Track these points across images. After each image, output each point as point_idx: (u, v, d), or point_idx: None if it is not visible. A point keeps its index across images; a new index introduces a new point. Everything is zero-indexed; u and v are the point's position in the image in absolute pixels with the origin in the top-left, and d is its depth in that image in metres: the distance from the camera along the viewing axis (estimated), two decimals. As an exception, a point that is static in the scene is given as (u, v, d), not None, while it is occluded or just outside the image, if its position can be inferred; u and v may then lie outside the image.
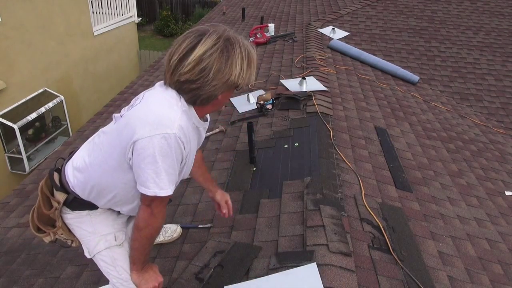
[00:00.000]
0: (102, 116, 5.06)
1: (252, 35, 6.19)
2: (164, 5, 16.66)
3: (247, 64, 1.38)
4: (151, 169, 1.34)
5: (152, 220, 1.48)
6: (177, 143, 1.34)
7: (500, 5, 7.70)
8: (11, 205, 3.40)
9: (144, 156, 1.33)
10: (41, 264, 2.49)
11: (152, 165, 1.34)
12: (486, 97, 5.55)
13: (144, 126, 1.33)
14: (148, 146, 1.32)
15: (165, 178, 1.37)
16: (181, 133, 1.35)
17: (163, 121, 1.32)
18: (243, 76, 1.38)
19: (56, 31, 7.64)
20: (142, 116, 1.36)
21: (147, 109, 1.38)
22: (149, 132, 1.31)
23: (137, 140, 1.33)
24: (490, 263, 2.31)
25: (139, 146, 1.33)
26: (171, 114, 1.35)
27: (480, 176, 3.42)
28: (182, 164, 1.46)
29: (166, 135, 1.31)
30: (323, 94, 3.80)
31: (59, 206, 1.61)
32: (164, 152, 1.33)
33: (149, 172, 1.35)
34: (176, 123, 1.33)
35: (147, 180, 1.37)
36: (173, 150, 1.34)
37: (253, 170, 2.80)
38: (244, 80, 1.40)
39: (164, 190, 1.38)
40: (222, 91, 1.39)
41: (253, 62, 1.41)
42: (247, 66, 1.39)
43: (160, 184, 1.37)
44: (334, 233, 1.99)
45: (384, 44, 6.48)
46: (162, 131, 1.31)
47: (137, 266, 1.64)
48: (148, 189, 1.38)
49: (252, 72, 1.42)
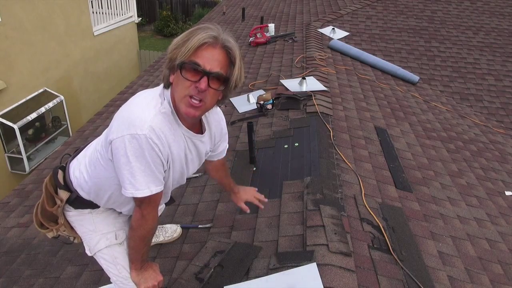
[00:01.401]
0: (102, 116, 5.06)
1: (252, 35, 6.19)
2: (164, 5, 16.66)
3: (182, 39, 1.32)
4: (126, 169, 1.34)
5: (142, 222, 1.48)
6: (148, 144, 1.31)
7: (500, 5, 7.70)
8: (11, 205, 3.40)
9: (119, 157, 1.33)
10: (41, 264, 2.49)
11: (126, 165, 1.33)
12: (486, 97, 5.54)
13: (118, 126, 1.33)
14: (120, 147, 1.31)
15: (142, 179, 1.35)
16: (152, 135, 1.31)
17: (134, 122, 1.30)
18: (176, 50, 1.32)
19: (56, 31, 7.64)
20: (119, 116, 1.36)
21: (125, 109, 1.37)
22: (121, 132, 1.31)
23: (112, 140, 1.33)
24: (490, 263, 2.31)
25: (114, 146, 1.33)
26: (143, 114, 1.32)
27: (480, 176, 3.42)
28: (165, 168, 1.43)
29: (136, 136, 1.29)
30: (323, 94, 3.80)
31: (61, 204, 1.62)
32: (137, 152, 1.31)
33: (125, 173, 1.35)
34: (146, 124, 1.30)
35: (124, 181, 1.37)
36: (145, 151, 1.31)
37: (253, 170, 2.80)
38: (177, 54, 1.31)
39: (140, 191, 1.37)
40: (169, 69, 1.37)
41: (191, 38, 1.30)
42: (183, 42, 1.31)
43: (136, 185, 1.36)
44: (334, 233, 1.99)
45: (384, 44, 6.47)
46: (132, 131, 1.29)
47: (135, 265, 1.65)
48: (126, 190, 1.38)
49: (190, 45, 1.29)
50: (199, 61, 1.29)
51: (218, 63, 1.31)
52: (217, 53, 1.31)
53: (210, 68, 1.30)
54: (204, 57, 1.30)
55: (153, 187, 1.39)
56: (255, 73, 4.89)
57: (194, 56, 1.29)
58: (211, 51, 1.30)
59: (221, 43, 1.31)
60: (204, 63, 1.29)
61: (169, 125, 1.38)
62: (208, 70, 1.30)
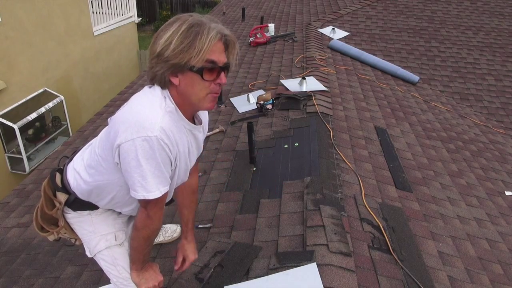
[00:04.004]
0: (102, 116, 5.06)
1: (252, 35, 6.19)
2: (164, 5, 16.68)
3: (187, 42, 1.27)
4: (137, 172, 1.33)
5: (148, 222, 1.48)
6: (160, 145, 1.30)
7: (500, 5, 7.70)
8: (11, 205, 3.40)
9: (129, 160, 1.32)
10: (41, 264, 2.49)
11: (137, 168, 1.32)
12: (486, 97, 5.55)
13: (126, 129, 1.30)
14: (131, 150, 1.30)
15: (152, 181, 1.35)
16: (163, 135, 1.30)
17: (144, 124, 1.29)
18: (183, 55, 1.28)
19: (56, 31, 7.64)
20: (124, 119, 1.34)
21: (129, 112, 1.35)
22: (131, 136, 1.29)
23: (120, 144, 1.31)
24: (490, 263, 2.31)
25: (123, 150, 1.32)
26: (152, 116, 1.31)
27: (480, 176, 3.42)
28: (173, 167, 1.43)
29: (147, 138, 1.28)
30: (323, 94, 3.80)
31: (60, 206, 1.62)
32: (148, 155, 1.30)
33: (135, 176, 1.34)
34: (157, 125, 1.29)
35: (134, 184, 1.36)
36: (156, 153, 1.31)
37: (253, 170, 2.80)
38: (186, 58, 1.28)
39: (152, 193, 1.36)
40: (172, 72, 1.33)
41: (197, 39, 1.27)
42: (188, 44, 1.27)
43: (147, 187, 1.35)
44: (334, 233, 1.99)
45: (384, 44, 6.48)
46: (143, 134, 1.28)
47: (136, 265, 1.64)
48: (136, 192, 1.37)
49: (181, 43, 1.26)
50: (214, 59, 1.31)
51: (223, 53, 1.35)
52: (221, 45, 1.34)
53: (223, 61, 1.34)
54: (215, 53, 1.31)
55: (162, 187, 1.39)
56: (255, 73, 4.89)
57: (208, 55, 1.30)
58: (218, 45, 1.32)
59: (221, 33, 1.32)
60: (218, 59, 1.32)
61: (176, 123, 1.38)
62: (223, 65, 1.33)
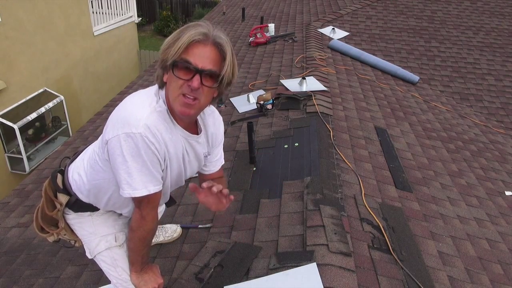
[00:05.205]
0: (102, 116, 5.06)
1: (252, 35, 6.19)
2: (164, 5, 16.67)
3: (173, 39, 1.30)
4: (123, 169, 1.32)
5: (142, 222, 1.47)
6: (144, 143, 1.29)
7: (500, 5, 7.70)
8: (11, 205, 3.40)
9: (115, 156, 1.32)
10: (41, 264, 2.49)
11: (123, 165, 1.32)
12: (486, 97, 5.55)
13: (113, 125, 1.31)
14: (116, 146, 1.30)
15: (138, 179, 1.33)
16: (147, 133, 1.29)
17: (129, 120, 1.29)
18: (168, 50, 1.30)
19: (56, 31, 7.64)
20: (114, 116, 1.35)
21: (119, 109, 1.36)
22: (116, 131, 1.29)
23: (108, 139, 1.32)
24: (490, 263, 2.31)
25: (110, 146, 1.32)
26: (138, 112, 1.30)
27: (480, 176, 3.42)
28: (163, 167, 1.41)
29: (131, 134, 1.27)
30: (323, 94, 3.80)
31: (61, 207, 1.61)
32: (133, 152, 1.29)
33: (122, 172, 1.33)
34: (141, 121, 1.29)
35: (121, 181, 1.35)
36: (141, 150, 1.30)
37: (253, 170, 2.80)
38: (169, 54, 1.30)
39: (138, 190, 1.35)
40: (162, 69, 1.36)
41: (181, 36, 1.28)
42: (174, 41, 1.29)
43: (133, 184, 1.34)
44: (334, 233, 1.99)
45: (384, 44, 6.48)
46: (127, 130, 1.28)
47: (135, 267, 1.64)
48: (123, 190, 1.37)
49: (179, 43, 1.27)
50: (190, 59, 1.27)
51: (210, 60, 1.29)
52: (208, 50, 1.29)
53: (202, 65, 1.28)
54: (195, 55, 1.28)
55: (151, 186, 1.38)
56: (255, 73, 4.89)
57: (185, 54, 1.28)
58: (202, 49, 1.28)
59: (212, 39, 1.29)
60: (195, 61, 1.27)
61: (165, 124, 1.36)
62: (200, 68, 1.28)
